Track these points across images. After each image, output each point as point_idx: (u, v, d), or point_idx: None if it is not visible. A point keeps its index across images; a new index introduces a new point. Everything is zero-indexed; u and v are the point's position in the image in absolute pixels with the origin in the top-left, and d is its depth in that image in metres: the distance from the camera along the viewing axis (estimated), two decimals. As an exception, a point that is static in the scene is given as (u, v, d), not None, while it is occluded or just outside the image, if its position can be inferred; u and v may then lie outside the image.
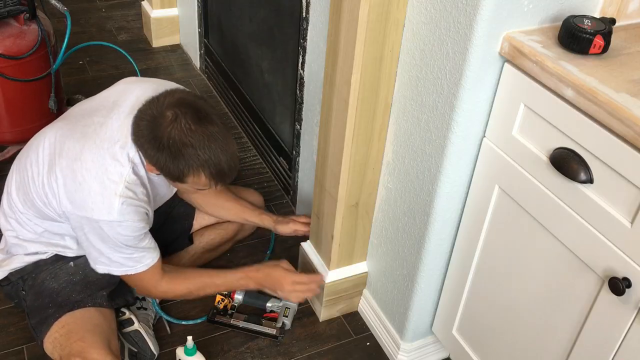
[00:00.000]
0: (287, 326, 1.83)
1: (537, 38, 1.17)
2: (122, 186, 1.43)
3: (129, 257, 1.52)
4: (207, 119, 1.38)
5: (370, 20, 1.33)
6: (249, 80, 2.51)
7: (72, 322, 1.53)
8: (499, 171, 1.31)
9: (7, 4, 2.07)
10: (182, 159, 1.36)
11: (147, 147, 1.39)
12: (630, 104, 1.01)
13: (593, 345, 1.19)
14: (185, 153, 1.36)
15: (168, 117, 1.35)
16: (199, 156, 1.37)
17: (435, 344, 1.76)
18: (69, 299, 1.57)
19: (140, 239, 1.52)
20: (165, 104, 1.37)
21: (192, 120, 1.36)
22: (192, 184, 1.44)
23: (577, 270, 1.18)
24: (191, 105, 1.38)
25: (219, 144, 1.39)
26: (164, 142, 1.35)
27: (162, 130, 1.35)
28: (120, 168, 1.44)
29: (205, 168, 1.39)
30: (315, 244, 1.85)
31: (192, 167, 1.38)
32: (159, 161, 1.39)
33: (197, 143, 1.36)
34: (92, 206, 1.42)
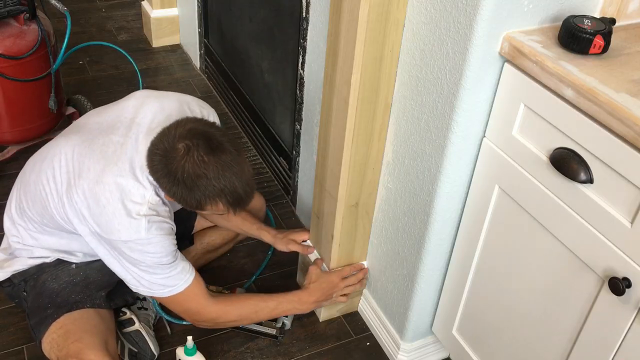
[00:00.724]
0: (287, 326, 1.83)
1: (537, 38, 1.17)
2: (146, 207, 1.43)
3: (167, 276, 1.50)
4: (219, 148, 1.37)
5: (370, 20, 1.33)
6: (249, 80, 2.51)
7: (69, 323, 1.53)
8: (499, 171, 1.31)
9: (7, 4, 2.07)
10: (197, 191, 1.36)
11: (163, 181, 1.38)
12: (630, 104, 1.01)
13: (593, 345, 1.19)
14: (201, 185, 1.35)
15: (180, 151, 1.34)
16: (215, 186, 1.36)
17: (435, 344, 1.76)
18: (67, 299, 1.57)
19: (173, 255, 1.50)
20: (177, 135, 1.36)
21: (204, 152, 1.35)
22: (212, 211, 1.44)
23: (577, 270, 1.18)
24: (202, 135, 1.37)
25: (233, 172, 1.38)
26: (179, 176, 1.35)
27: (176, 164, 1.34)
28: (143, 190, 1.43)
29: (222, 197, 1.38)
30: (315, 244, 1.85)
31: (209, 197, 1.37)
32: (176, 194, 1.38)
33: (211, 174, 1.35)
34: (118, 227, 1.41)
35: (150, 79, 2.93)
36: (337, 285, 1.74)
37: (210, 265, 2.02)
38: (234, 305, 1.64)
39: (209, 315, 1.60)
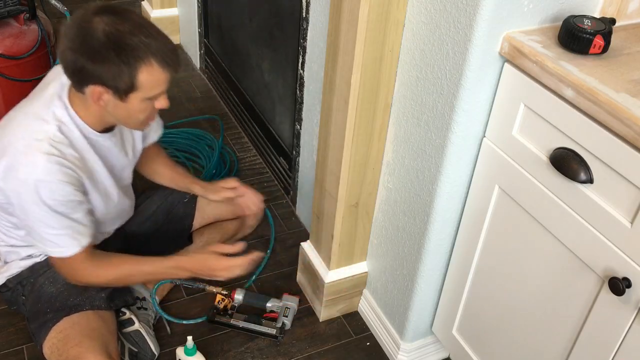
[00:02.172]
0: (287, 326, 1.83)
1: (537, 38, 1.17)
2: (46, 144, 1.37)
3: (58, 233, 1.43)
4: (128, 11, 1.35)
5: (370, 20, 1.33)
6: (249, 81, 2.51)
7: (69, 327, 1.51)
8: (499, 171, 1.31)
9: (7, 4, 2.07)
10: (129, 51, 1.30)
11: (84, 59, 1.30)
12: (630, 104, 1.01)
13: (593, 345, 1.19)
14: (130, 42, 1.30)
15: (95, 20, 1.30)
16: (143, 41, 1.31)
17: (435, 344, 1.76)
18: (66, 303, 1.55)
19: (72, 207, 1.42)
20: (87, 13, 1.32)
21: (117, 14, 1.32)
22: (146, 88, 1.36)
23: (577, 270, 1.18)
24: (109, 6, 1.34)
25: (154, 29, 1.35)
26: (101, 41, 1.29)
27: (94, 30, 1.29)
28: (45, 126, 1.39)
29: (155, 53, 1.33)
30: (315, 244, 1.85)
31: (141, 56, 1.31)
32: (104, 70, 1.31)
33: (134, 30, 1.31)
34: (17, 166, 1.36)
35: None
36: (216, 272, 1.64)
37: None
38: (109, 268, 1.57)
39: (84, 278, 1.55)
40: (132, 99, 1.37)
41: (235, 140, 2.60)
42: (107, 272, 1.57)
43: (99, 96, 1.36)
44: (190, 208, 1.92)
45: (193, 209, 1.92)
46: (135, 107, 1.40)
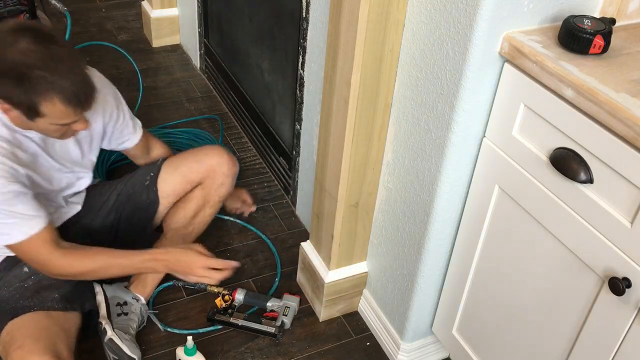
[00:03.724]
0: (286, 325, 1.83)
1: (537, 38, 1.17)
2: None
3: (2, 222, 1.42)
4: (50, 40, 1.31)
5: (370, 20, 1.33)
6: (249, 80, 2.51)
7: (14, 330, 1.46)
8: (499, 171, 1.31)
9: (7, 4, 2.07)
10: (28, 84, 1.28)
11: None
12: (630, 104, 1.01)
13: (593, 345, 1.19)
14: (32, 76, 1.27)
15: (8, 41, 1.27)
16: (46, 78, 1.28)
17: (435, 344, 1.76)
18: (15, 305, 1.51)
19: (7, 200, 1.39)
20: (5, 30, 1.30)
21: (34, 41, 1.28)
22: (52, 117, 1.35)
23: (577, 270, 1.18)
24: (31, 28, 1.31)
25: (67, 65, 1.31)
26: (5, 66, 1.27)
27: (3, 53, 1.27)
28: None
29: (58, 92, 1.30)
30: (315, 244, 1.85)
31: (41, 92, 1.29)
32: (4, 91, 1.30)
33: (42, 64, 1.28)
34: None
35: (150, 79, 2.93)
36: (194, 269, 1.60)
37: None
38: (83, 259, 1.54)
39: (54, 269, 1.52)
40: (40, 122, 1.38)
41: (235, 140, 2.61)
42: (81, 263, 1.54)
43: (7, 110, 1.36)
44: (153, 193, 1.82)
45: (155, 193, 1.82)
46: (45, 127, 1.40)
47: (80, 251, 1.55)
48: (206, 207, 1.86)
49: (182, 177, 1.82)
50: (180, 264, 1.61)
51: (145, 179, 1.82)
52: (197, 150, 1.90)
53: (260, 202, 2.29)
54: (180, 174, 1.82)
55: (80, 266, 1.54)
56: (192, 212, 1.85)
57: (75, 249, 1.55)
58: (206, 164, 1.81)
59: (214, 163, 1.81)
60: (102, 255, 1.58)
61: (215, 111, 2.76)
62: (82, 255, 1.55)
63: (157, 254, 1.63)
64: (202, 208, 1.85)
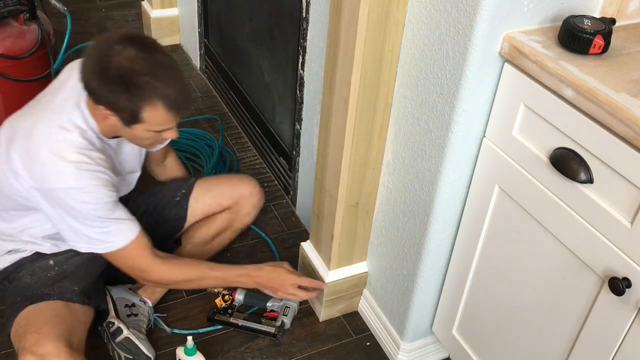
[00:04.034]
0: (286, 325, 1.83)
1: (537, 38, 1.17)
2: (73, 152, 1.41)
3: (104, 231, 1.48)
4: (154, 47, 1.38)
5: (370, 20, 1.33)
6: (249, 80, 2.51)
7: (32, 314, 1.49)
8: (499, 171, 1.31)
9: (7, 4, 2.07)
10: (135, 90, 1.34)
11: (96, 83, 1.35)
12: (630, 104, 1.01)
13: (593, 345, 1.19)
14: (138, 82, 1.33)
15: (115, 50, 1.33)
16: (152, 84, 1.34)
17: (435, 344, 1.76)
18: (36, 292, 1.54)
19: (110, 208, 1.47)
20: (112, 39, 1.36)
21: (140, 50, 1.34)
22: (150, 123, 1.41)
23: (577, 270, 1.18)
24: (138, 37, 1.37)
25: (170, 73, 1.38)
26: (113, 72, 1.33)
27: (110, 61, 1.33)
28: (68, 135, 1.42)
29: (161, 97, 1.36)
30: (315, 244, 1.85)
31: (146, 97, 1.35)
32: (111, 98, 1.36)
33: (148, 70, 1.34)
34: (47, 176, 1.40)
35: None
36: (285, 286, 1.73)
37: (211, 264, 2.01)
38: (181, 268, 1.63)
39: (154, 275, 1.59)
40: (136, 128, 1.44)
41: (235, 140, 2.61)
42: (181, 272, 1.63)
43: (106, 116, 1.42)
44: (182, 210, 1.88)
45: (185, 210, 1.88)
46: (139, 134, 1.47)
47: (179, 260, 1.66)
48: (228, 231, 1.94)
49: (214, 199, 1.89)
50: (271, 281, 1.73)
51: (176, 195, 1.88)
52: (232, 176, 2.01)
53: (260, 202, 2.28)
54: (212, 196, 1.89)
55: (180, 275, 1.63)
56: (214, 232, 1.91)
57: (172, 258, 1.65)
58: (239, 191, 1.90)
59: (246, 193, 1.91)
60: (201, 266, 1.69)
61: (215, 111, 2.76)
62: (182, 264, 1.65)
63: (250, 269, 1.73)
64: (224, 231, 1.93)
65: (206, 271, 1.68)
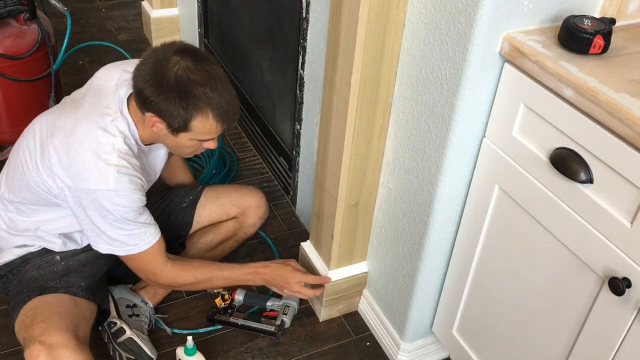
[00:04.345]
0: (286, 324, 1.83)
1: (537, 38, 1.17)
2: (115, 156, 1.44)
3: (130, 234, 1.52)
4: (208, 60, 1.43)
5: (370, 20, 1.33)
6: (249, 80, 2.51)
7: (39, 305, 1.50)
8: (499, 171, 1.31)
9: (7, 4, 2.07)
10: (191, 99, 1.38)
11: (151, 91, 1.39)
12: (630, 104, 1.01)
13: (593, 345, 1.19)
14: (194, 91, 1.38)
15: (173, 60, 1.38)
16: (207, 94, 1.39)
17: (435, 344, 1.76)
18: (43, 285, 1.55)
19: (140, 212, 1.51)
20: (169, 50, 1.41)
21: (195, 61, 1.39)
22: (198, 132, 1.45)
23: (577, 270, 1.18)
24: (193, 49, 1.43)
25: (223, 85, 1.43)
26: (171, 81, 1.37)
27: (168, 70, 1.38)
28: (112, 139, 1.45)
29: (214, 107, 1.41)
30: (315, 244, 1.85)
31: (200, 106, 1.40)
32: (164, 105, 1.40)
33: (203, 81, 1.39)
34: (87, 177, 1.43)
35: None
36: (290, 284, 1.75)
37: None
38: (191, 270, 1.66)
39: (165, 278, 1.63)
40: (182, 136, 1.48)
41: (235, 140, 2.60)
42: (189, 274, 1.65)
43: (154, 124, 1.45)
44: (189, 215, 1.91)
45: (192, 216, 1.91)
46: (183, 143, 1.50)
47: (188, 262, 1.69)
48: (231, 240, 1.96)
49: (221, 208, 1.92)
50: (278, 279, 1.75)
51: (184, 201, 1.91)
52: (240, 187, 2.02)
53: (260, 202, 2.29)
54: (220, 204, 1.92)
55: (188, 277, 1.66)
56: (219, 240, 1.93)
57: (181, 260, 1.69)
58: (247, 202, 1.94)
59: (253, 204, 1.95)
60: (208, 267, 1.71)
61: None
62: (190, 267, 1.67)
63: (258, 267, 1.75)
64: (229, 239, 1.95)
65: (215, 271, 1.70)
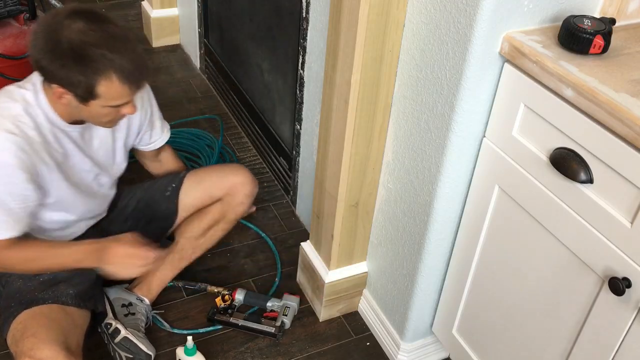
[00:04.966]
0: (286, 325, 1.83)
1: (537, 38, 1.17)
2: (9, 122, 1.36)
3: None
4: (105, 20, 1.35)
5: (370, 20, 1.33)
6: (249, 80, 2.51)
7: (29, 319, 1.46)
8: (499, 171, 1.31)
9: (7, 4, 2.07)
10: (88, 63, 1.31)
11: (47, 60, 1.32)
12: (630, 104, 1.01)
13: (593, 345, 1.19)
14: (91, 54, 1.30)
15: (64, 24, 1.30)
16: (106, 56, 1.31)
17: (435, 344, 1.76)
18: (30, 296, 1.52)
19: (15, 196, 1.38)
20: (60, 14, 1.32)
21: (90, 21, 1.32)
22: (106, 98, 1.36)
23: (577, 270, 1.18)
24: (87, 11, 1.34)
25: (123, 44, 1.35)
26: (65, 47, 1.30)
27: (60, 35, 1.30)
28: (10, 104, 1.39)
29: (116, 69, 1.33)
30: (315, 244, 1.85)
31: (100, 70, 1.32)
32: (63, 74, 1.32)
33: (100, 42, 1.31)
34: None
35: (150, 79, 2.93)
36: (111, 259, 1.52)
37: (211, 265, 2.02)
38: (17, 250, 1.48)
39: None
40: (93, 104, 1.39)
41: (235, 140, 2.61)
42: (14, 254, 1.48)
43: (60, 95, 1.38)
44: (172, 205, 1.82)
45: (175, 205, 1.82)
46: (97, 111, 1.42)
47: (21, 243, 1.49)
48: (221, 222, 1.85)
49: (204, 192, 1.83)
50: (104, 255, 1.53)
51: (167, 190, 1.83)
52: (222, 167, 1.92)
53: (260, 202, 2.29)
54: (202, 188, 1.83)
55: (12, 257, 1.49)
56: (206, 225, 1.84)
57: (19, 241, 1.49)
58: (230, 181, 1.82)
59: (237, 182, 1.82)
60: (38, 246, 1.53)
61: (215, 111, 2.76)
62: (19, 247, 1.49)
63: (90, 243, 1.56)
64: (217, 223, 1.85)
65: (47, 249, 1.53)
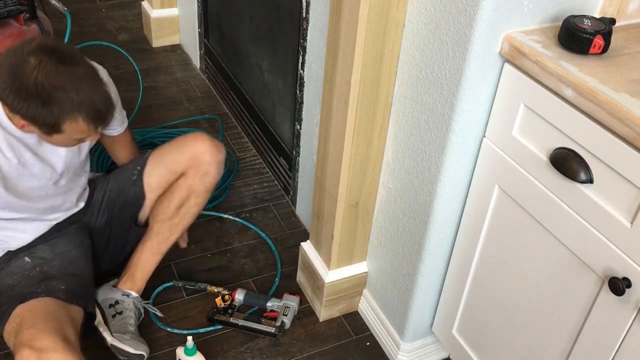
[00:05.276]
0: (286, 325, 1.83)
1: (537, 38, 1.17)
2: None
3: None
4: (72, 60, 1.35)
5: (370, 20, 1.33)
6: (249, 80, 2.51)
7: (25, 312, 1.47)
8: (499, 171, 1.31)
9: (7, 4, 2.07)
10: (55, 105, 1.32)
11: (12, 98, 1.33)
12: (630, 104, 1.01)
13: (593, 345, 1.19)
14: (58, 97, 1.32)
15: (31, 63, 1.30)
16: (72, 99, 1.33)
17: (435, 344, 1.76)
18: (23, 291, 1.52)
19: None
20: (26, 51, 1.32)
21: (57, 63, 1.32)
22: (71, 133, 1.39)
23: (577, 270, 1.18)
24: (54, 49, 1.35)
25: (90, 85, 1.36)
26: (31, 89, 1.30)
27: (27, 76, 1.30)
28: None
29: (82, 111, 1.35)
30: (315, 244, 1.85)
31: (67, 112, 1.34)
32: (29, 112, 1.34)
33: (67, 85, 1.32)
34: None
35: (150, 79, 2.93)
36: None
37: (211, 265, 2.02)
38: None
39: None
40: (55, 137, 1.42)
41: (235, 140, 2.61)
42: None
43: (23, 125, 1.40)
44: (139, 188, 1.78)
45: (142, 188, 1.77)
46: (59, 141, 1.46)
47: None
48: (191, 197, 1.76)
49: (166, 169, 1.76)
50: None
51: (133, 174, 1.78)
52: (181, 138, 1.79)
53: (260, 202, 2.29)
54: (164, 165, 1.76)
55: None
56: (176, 203, 1.76)
57: None
58: (188, 153, 1.73)
59: (196, 152, 1.72)
60: None
61: (215, 111, 2.76)
62: None
63: None
64: (187, 199, 1.76)
65: None
